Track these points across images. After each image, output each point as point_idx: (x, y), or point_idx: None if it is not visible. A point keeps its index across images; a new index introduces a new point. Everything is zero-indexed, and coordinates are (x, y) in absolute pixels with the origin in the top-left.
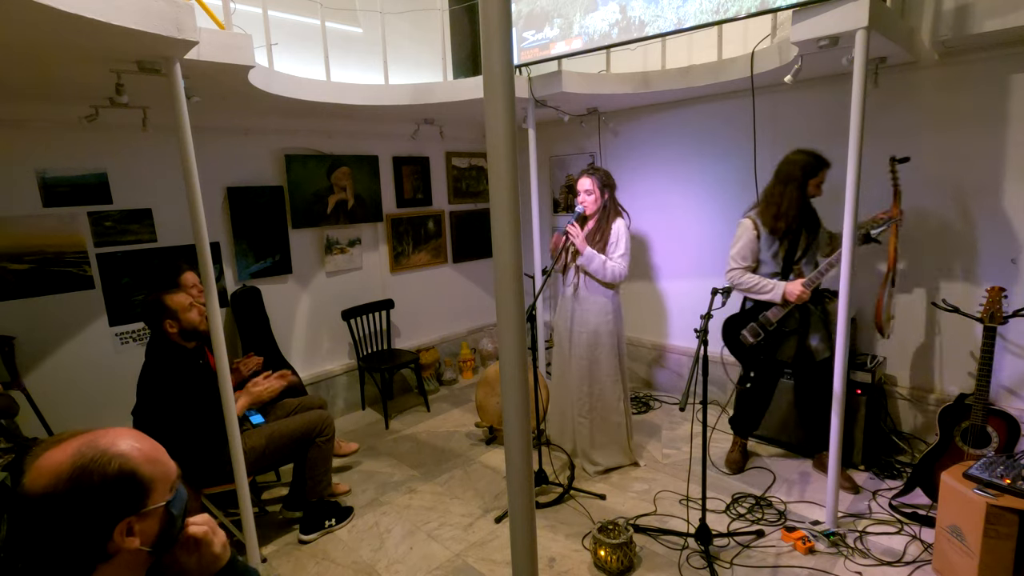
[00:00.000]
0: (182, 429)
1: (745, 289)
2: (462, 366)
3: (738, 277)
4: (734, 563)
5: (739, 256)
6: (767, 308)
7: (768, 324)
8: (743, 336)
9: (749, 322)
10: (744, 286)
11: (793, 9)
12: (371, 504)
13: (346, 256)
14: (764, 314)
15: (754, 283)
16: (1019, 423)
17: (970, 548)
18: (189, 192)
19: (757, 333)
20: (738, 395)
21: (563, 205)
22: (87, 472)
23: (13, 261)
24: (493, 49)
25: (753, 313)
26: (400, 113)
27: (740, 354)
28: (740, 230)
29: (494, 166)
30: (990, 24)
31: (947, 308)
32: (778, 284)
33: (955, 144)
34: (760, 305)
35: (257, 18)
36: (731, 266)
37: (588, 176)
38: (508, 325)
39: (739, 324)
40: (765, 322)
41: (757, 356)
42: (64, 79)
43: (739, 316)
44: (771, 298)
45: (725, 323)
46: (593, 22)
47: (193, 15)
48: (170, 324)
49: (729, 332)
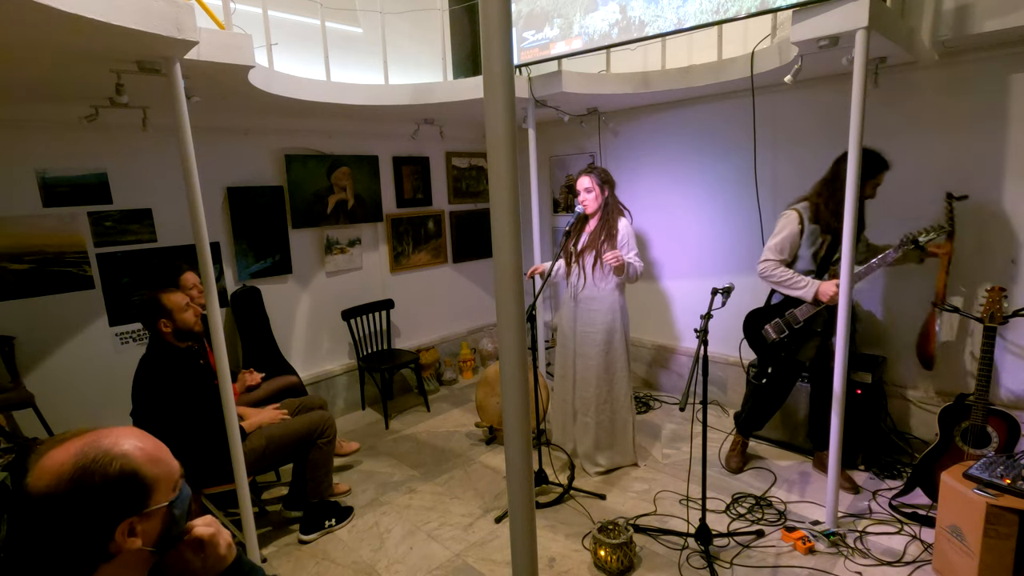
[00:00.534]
0: (181, 429)
1: (776, 282)
2: (462, 366)
3: (771, 269)
4: (734, 563)
5: (777, 248)
6: (794, 305)
7: (794, 322)
8: (766, 331)
9: (774, 317)
10: (776, 279)
11: (793, 9)
12: (371, 504)
13: (346, 256)
14: (792, 311)
15: (787, 277)
16: (1019, 423)
17: (970, 548)
18: (189, 192)
19: (781, 330)
20: (751, 391)
21: (563, 205)
22: (88, 472)
23: (13, 261)
24: (493, 49)
25: (779, 309)
26: (400, 113)
27: (760, 349)
28: (783, 222)
29: (494, 166)
30: (990, 24)
31: (947, 308)
32: (812, 282)
33: (955, 144)
34: (787, 302)
35: (257, 18)
36: (766, 257)
37: (587, 174)
38: (508, 325)
39: (762, 318)
40: (792, 319)
41: (777, 353)
42: (64, 79)
43: (763, 310)
44: (803, 295)
45: (748, 316)
46: (593, 22)
47: (193, 15)
48: (164, 323)
49: (751, 326)
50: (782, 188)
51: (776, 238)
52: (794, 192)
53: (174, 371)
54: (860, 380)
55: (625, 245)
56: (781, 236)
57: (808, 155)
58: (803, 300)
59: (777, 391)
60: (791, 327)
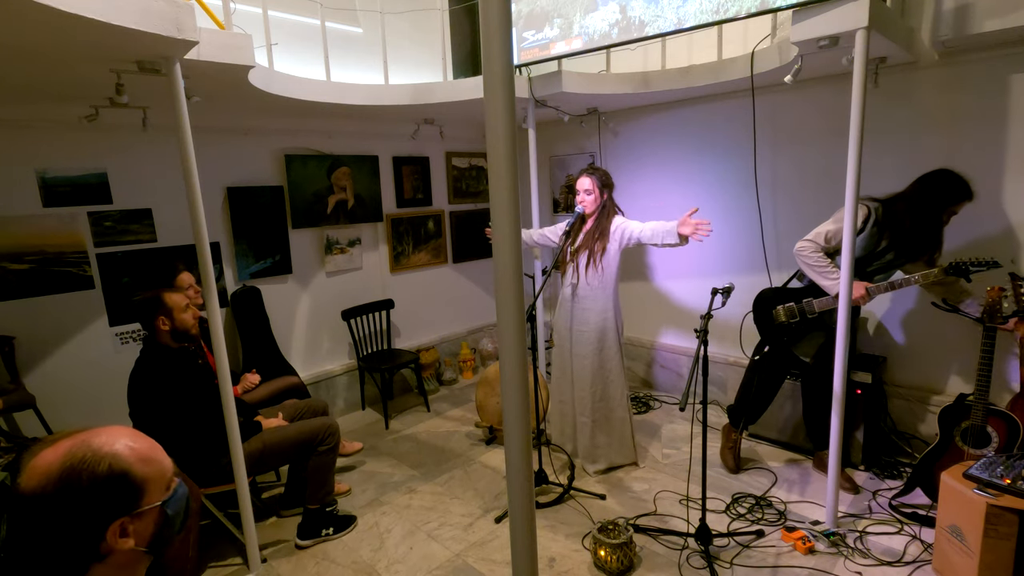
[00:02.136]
0: (179, 429)
1: (810, 264)
2: (462, 366)
3: (809, 251)
4: (734, 563)
5: (826, 235)
6: (814, 294)
7: (810, 312)
8: (776, 311)
9: (788, 301)
10: (811, 261)
11: (793, 9)
12: (371, 504)
13: (346, 256)
14: (809, 300)
15: (822, 265)
16: (1019, 423)
17: (970, 548)
18: (189, 192)
19: (793, 315)
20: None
21: (563, 205)
22: (76, 472)
23: (13, 261)
24: (493, 49)
25: (796, 294)
26: (400, 113)
27: (765, 329)
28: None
29: (494, 166)
30: (990, 24)
31: (947, 308)
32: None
33: (955, 144)
34: (806, 290)
35: (257, 18)
36: (809, 238)
37: (588, 176)
38: (508, 325)
39: (775, 299)
40: (808, 308)
41: (780, 337)
42: (64, 79)
43: (779, 291)
44: (829, 287)
45: (760, 294)
46: (593, 22)
47: (193, 15)
48: (163, 321)
49: (762, 304)
50: (782, 188)
51: (831, 226)
52: (794, 191)
53: (170, 371)
54: (860, 380)
55: (618, 236)
56: (837, 227)
57: (808, 155)
58: (826, 292)
59: (769, 376)
60: (804, 315)
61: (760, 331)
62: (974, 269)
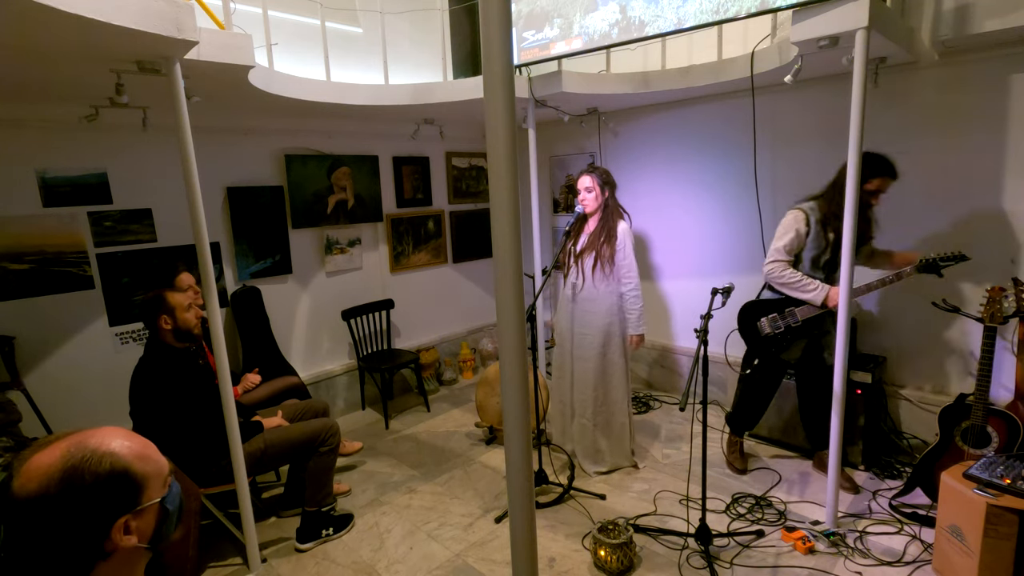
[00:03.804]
0: (179, 429)
1: (785, 284)
2: (462, 366)
3: (780, 270)
4: (734, 563)
5: (785, 249)
6: (794, 304)
7: (793, 320)
8: (760, 324)
9: (770, 311)
10: (784, 280)
11: (793, 9)
12: (371, 504)
13: (346, 256)
14: (792, 309)
15: (796, 280)
16: (1019, 423)
17: (970, 548)
18: (189, 192)
19: (777, 325)
20: (740, 384)
21: (563, 205)
22: (79, 472)
23: (13, 261)
24: (493, 49)
25: (777, 305)
26: (400, 113)
27: (751, 341)
28: (789, 222)
29: (494, 166)
30: (990, 24)
31: (947, 308)
32: (822, 286)
33: (955, 144)
34: (786, 299)
35: (257, 18)
36: (774, 258)
37: (588, 174)
38: (508, 325)
39: (758, 311)
40: (791, 319)
41: (767, 348)
42: (64, 79)
43: (760, 303)
44: (812, 299)
45: (743, 307)
46: (593, 22)
47: (193, 15)
48: (165, 320)
49: (746, 317)
50: (782, 188)
51: (784, 239)
52: (794, 192)
53: (172, 371)
54: (860, 380)
55: (622, 250)
56: (789, 237)
57: (808, 155)
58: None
59: (763, 386)
60: (788, 324)
61: (746, 343)
62: (943, 264)
